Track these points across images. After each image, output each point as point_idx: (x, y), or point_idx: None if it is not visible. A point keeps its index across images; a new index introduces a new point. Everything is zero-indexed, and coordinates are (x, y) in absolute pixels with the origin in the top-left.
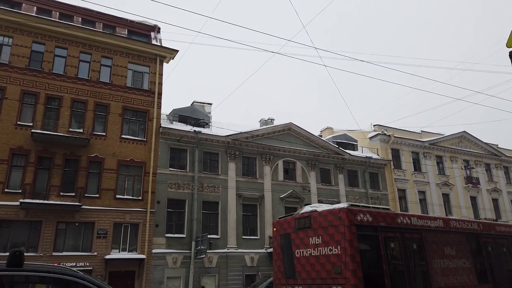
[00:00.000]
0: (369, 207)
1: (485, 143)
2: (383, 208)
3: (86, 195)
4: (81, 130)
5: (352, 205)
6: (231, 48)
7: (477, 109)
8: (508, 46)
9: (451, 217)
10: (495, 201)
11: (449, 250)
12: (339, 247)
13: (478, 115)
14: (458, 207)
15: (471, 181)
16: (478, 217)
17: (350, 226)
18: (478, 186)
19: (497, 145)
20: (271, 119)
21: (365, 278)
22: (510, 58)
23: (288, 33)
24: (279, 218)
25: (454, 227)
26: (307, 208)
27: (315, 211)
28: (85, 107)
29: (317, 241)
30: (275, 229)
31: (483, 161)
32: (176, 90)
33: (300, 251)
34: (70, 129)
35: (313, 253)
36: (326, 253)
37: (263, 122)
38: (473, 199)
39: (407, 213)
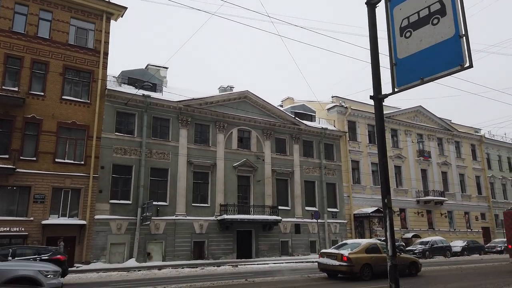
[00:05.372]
0: None
1: (439, 118)
2: None
3: (21, 158)
4: (16, 89)
5: None
6: (182, 9)
7: (433, 84)
8: None
9: None
10: (444, 174)
11: None
12: None
13: (434, 90)
14: (408, 179)
15: (422, 154)
16: (427, 189)
17: None
18: (429, 159)
19: (450, 120)
20: (231, 87)
21: None
22: (366, 6)
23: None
24: (507, 210)
25: None
26: None
27: None
28: (21, 63)
29: None
30: (506, 216)
31: (436, 136)
32: (132, 53)
33: None
34: (3, 87)
35: None
36: None
37: (222, 89)
38: (424, 171)
39: None
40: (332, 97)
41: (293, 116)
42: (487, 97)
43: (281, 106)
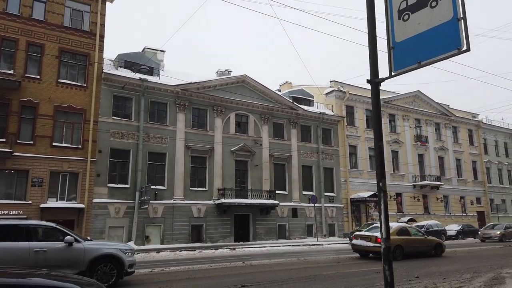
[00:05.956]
0: None
1: (437, 103)
2: None
3: (18, 141)
4: (11, 72)
5: None
6: None
7: (432, 69)
8: None
9: None
10: (441, 159)
11: None
12: None
13: (433, 74)
14: (405, 164)
15: (420, 139)
16: (424, 174)
17: None
18: (426, 144)
19: (448, 105)
20: (228, 71)
21: None
22: None
23: None
24: None
25: None
26: None
27: None
28: (16, 46)
29: None
30: None
31: (433, 121)
32: (128, 36)
33: None
34: None
35: None
36: None
37: (220, 73)
38: (421, 156)
39: None
40: (331, 81)
41: (291, 101)
42: (485, 82)
43: (279, 90)
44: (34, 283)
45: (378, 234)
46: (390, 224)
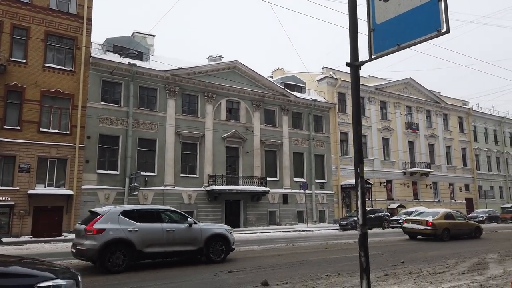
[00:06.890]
0: None
1: (428, 90)
2: None
3: (5, 126)
4: None
5: None
6: None
7: (423, 57)
8: None
9: None
10: (431, 146)
11: None
12: None
13: (426, 62)
14: (396, 151)
15: (411, 126)
16: (414, 161)
17: None
18: (417, 131)
19: (440, 92)
20: (220, 56)
21: None
22: None
23: None
24: None
25: None
26: None
27: None
28: (0, 29)
29: None
30: None
31: (424, 108)
32: (117, 20)
33: None
34: None
35: None
36: None
37: (211, 59)
38: (411, 143)
39: None
40: (323, 68)
41: (283, 87)
42: (476, 69)
43: (271, 77)
44: (14, 272)
45: (428, 218)
46: (437, 210)
